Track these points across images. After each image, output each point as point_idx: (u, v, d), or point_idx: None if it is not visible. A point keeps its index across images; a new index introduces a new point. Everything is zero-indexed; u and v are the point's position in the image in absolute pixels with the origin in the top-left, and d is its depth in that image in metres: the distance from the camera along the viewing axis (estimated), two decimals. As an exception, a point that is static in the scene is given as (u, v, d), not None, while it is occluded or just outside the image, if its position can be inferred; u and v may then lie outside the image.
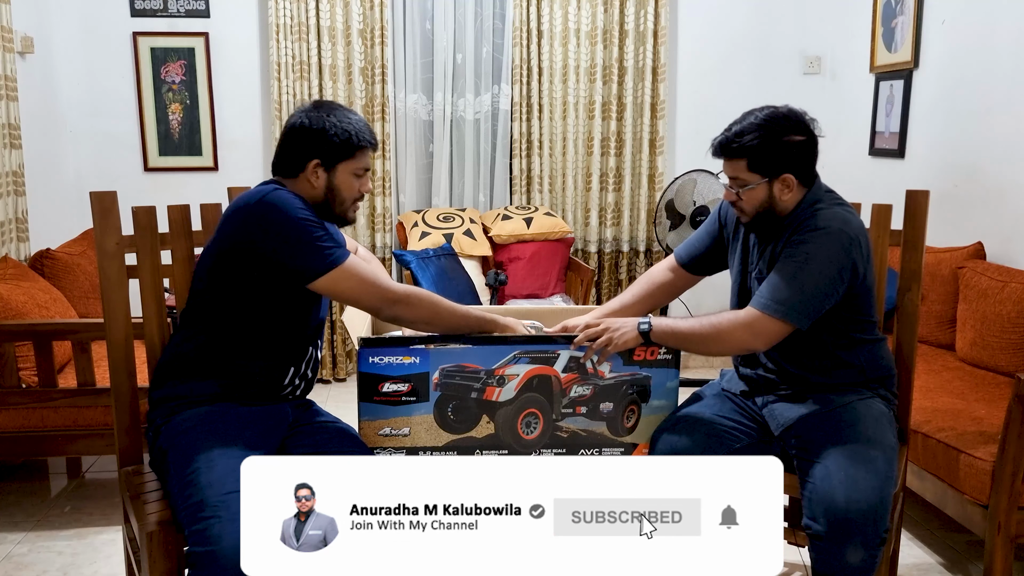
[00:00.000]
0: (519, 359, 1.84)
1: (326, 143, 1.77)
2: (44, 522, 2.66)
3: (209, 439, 1.65)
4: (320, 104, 1.83)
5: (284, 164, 1.82)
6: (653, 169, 4.19)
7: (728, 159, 1.82)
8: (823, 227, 1.75)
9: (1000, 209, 3.06)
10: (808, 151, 1.81)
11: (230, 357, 1.75)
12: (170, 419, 1.72)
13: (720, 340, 1.80)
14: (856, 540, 1.60)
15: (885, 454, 1.72)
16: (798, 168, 1.80)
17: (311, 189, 1.79)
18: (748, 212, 1.84)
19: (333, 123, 1.77)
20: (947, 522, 2.59)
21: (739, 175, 1.81)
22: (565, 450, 1.91)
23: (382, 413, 1.84)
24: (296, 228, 1.68)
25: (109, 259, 1.85)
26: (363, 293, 1.75)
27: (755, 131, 1.77)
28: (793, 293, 1.72)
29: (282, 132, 1.84)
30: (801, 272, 1.73)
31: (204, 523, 1.48)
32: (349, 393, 3.96)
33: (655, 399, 1.92)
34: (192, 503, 1.53)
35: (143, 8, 3.86)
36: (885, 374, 1.92)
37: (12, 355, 2.50)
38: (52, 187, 3.63)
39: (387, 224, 4.07)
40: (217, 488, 1.53)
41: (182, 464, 1.62)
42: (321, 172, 1.78)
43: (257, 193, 1.73)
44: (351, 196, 1.83)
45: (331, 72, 3.90)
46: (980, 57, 3.17)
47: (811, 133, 1.81)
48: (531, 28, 3.99)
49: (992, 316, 2.74)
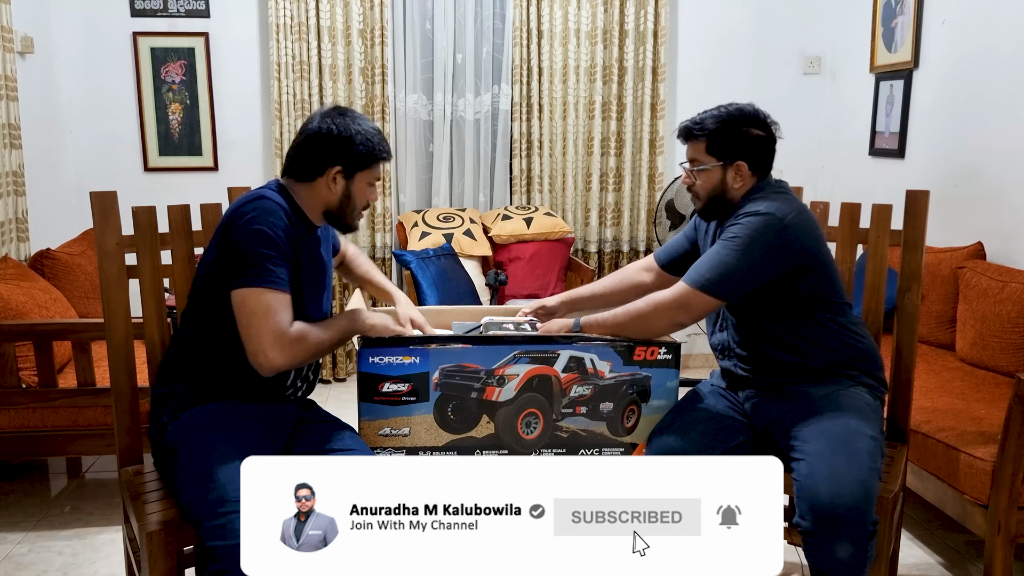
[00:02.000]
0: (519, 359, 1.85)
1: (350, 152, 1.76)
2: (44, 522, 2.66)
3: (221, 435, 1.67)
4: (343, 111, 1.81)
5: (301, 167, 1.79)
6: (653, 169, 4.19)
7: (690, 141, 1.96)
8: (751, 212, 1.86)
9: (1000, 209, 3.06)
10: (764, 146, 1.93)
11: (230, 360, 1.74)
12: (177, 416, 1.73)
13: (648, 320, 1.87)
14: (843, 535, 1.62)
15: (868, 445, 1.72)
16: (752, 159, 1.92)
17: (327, 194, 1.79)
18: (701, 196, 1.97)
19: (359, 131, 1.77)
20: (947, 522, 2.59)
21: (697, 156, 1.95)
22: (565, 450, 1.91)
23: (382, 413, 1.84)
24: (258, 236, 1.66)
25: (109, 259, 1.85)
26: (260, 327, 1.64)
27: (718, 118, 1.92)
28: (716, 270, 1.82)
29: (301, 135, 1.81)
30: (725, 250, 1.83)
31: (225, 518, 1.49)
32: (349, 393, 3.96)
33: (655, 399, 1.93)
34: (211, 498, 1.54)
35: (143, 8, 3.86)
36: (863, 356, 1.92)
37: (12, 355, 2.50)
38: (52, 187, 3.63)
39: (387, 224, 4.07)
40: (235, 482, 1.52)
41: (196, 460, 1.63)
42: (340, 179, 1.78)
43: (252, 196, 1.73)
44: (362, 205, 1.84)
45: (331, 72, 3.90)
46: (980, 57, 3.17)
47: (770, 131, 1.94)
48: (531, 28, 3.99)
49: (992, 316, 2.74)
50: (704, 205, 1.97)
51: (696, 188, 1.97)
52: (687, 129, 1.96)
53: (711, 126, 1.91)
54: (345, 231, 1.89)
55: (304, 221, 1.80)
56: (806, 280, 1.87)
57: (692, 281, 1.84)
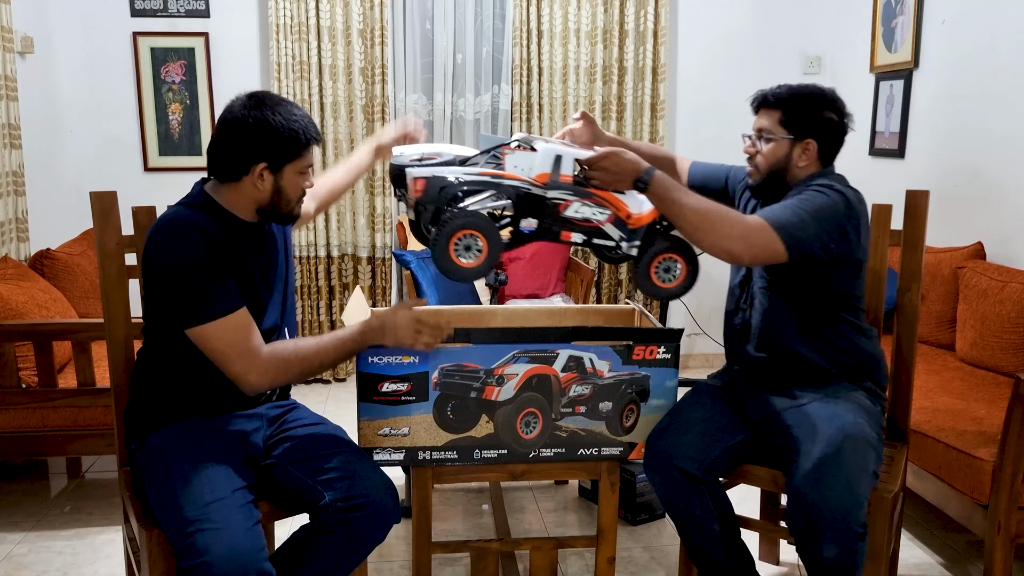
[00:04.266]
0: (518, 358, 1.84)
1: (272, 144, 1.62)
2: (44, 522, 2.66)
3: (180, 456, 1.63)
4: (261, 98, 1.64)
5: (223, 167, 1.66)
6: (653, 169, 4.19)
7: (765, 109, 1.90)
8: (827, 185, 1.82)
9: (1000, 209, 3.06)
10: (837, 131, 1.88)
11: (191, 376, 1.70)
12: (145, 441, 1.71)
13: (712, 226, 1.70)
14: (828, 535, 1.62)
15: (860, 449, 1.72)
16: (823, 140, 1.87)
17: (255, 192, 1.67)
18: (762, 169, 1.90)
19: (279, 121, 1.61)
20: (947, 522, 2.59)
21: (768, 126, 1.89)
22: (564, 450, 1.91)
23: (381, 413, 1.84)
24: (181, 271, 1.57)
25: (109, 259, 1.85)
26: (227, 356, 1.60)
27: (797, 92, 1.88)
28: (793, 219, 1.73)
29: (216, 130, 1.65)
30: (803, 207, 1.76)
31: (190, 538, 1.48)
32: (349, 393, 3.96)
33: (654, 398, 1.93)
34: (174, 521, 1.52)
35: (143, 8, 3.87)
36: (871, 364, 1.92)
37: (12, 355, 2.50)
38: (52, 187, 3.64)
39: (387, 224, 4.07)
40: (196, 501, 1.52)
41: (159, 487, 1.61)
42: (267, 175, 1.65)
43: (160, 220, 1.64)
44: (296, 196, 1.72)
45: (331, 72, 3.90)
46: (980, 57, 3.17)
47: (844, 120, 1.89)
48: (531, 28, 3.99)
49: (992, 316, 2.74)
50: (762, 179, 1.91)
51: (758, 159, 1.90)
52: (764, 96, 1.90)
53: (789, 97, 1.87)
54: (286, 223, 1.79)
55: (234, 223, 1.69)
56: (845, 276, 1.85)
57: (770, 219, 1.72)
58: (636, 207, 1.79)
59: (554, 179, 1.75)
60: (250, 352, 1.61)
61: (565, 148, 1.78)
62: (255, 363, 1.61)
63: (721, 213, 1.72)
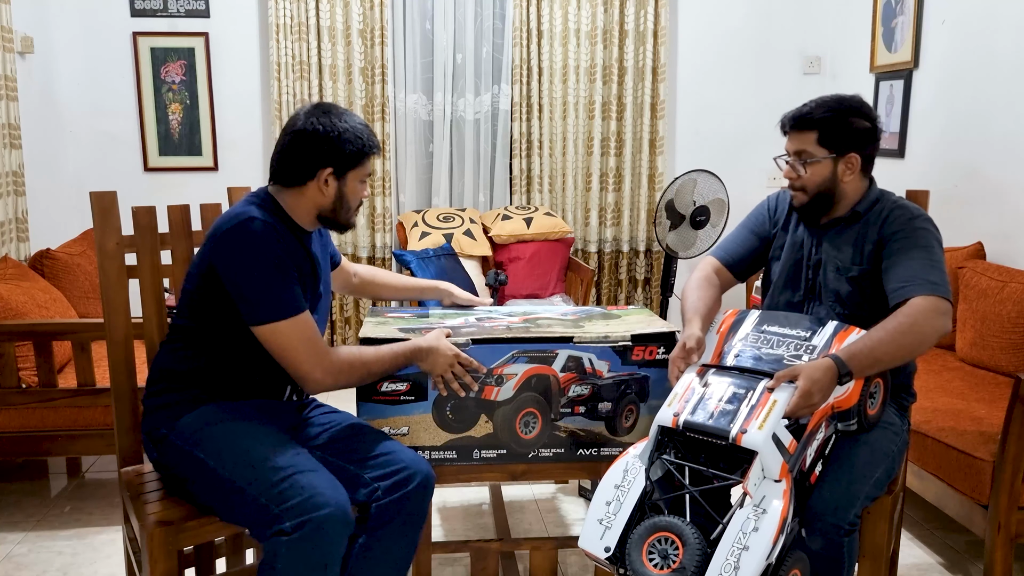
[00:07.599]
0: (517, 358, 1.84)
1: (339, 151, 1.70)
2: (44, 522, 2.66)
3: (240, 423, 1.67)
4: (326, 108, 1.73)
5: (290, 172, 1.73)
6: (653, 169, 4.19)
7: (798, 131, 1.85)
8: (919, 215, 1.81)
9: (1000, 209, 3.06)
10: (873, 138, 1.85)
11: (223, 375, 1.73)
12: (175, 424, 1.69)
13: (913, 343, 1.66)
14: (815, 527, 1.63)
15: (870, 457, 1.72)
16: (863, 151, 1.84)
17: (320, 198, 1.73)
18: (809, 190, 1.86)
19: (345, 129, 1.70)
20: (947, 522, 2.59)
21: (807, 147, 1.84)
22: (563, 450, 1.91)
23: (381, 413, 1.84)
24: (259, 268, 1.62)
25: (109, 259, 1.85)
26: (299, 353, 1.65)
27: (827, 107, 1.83)
28: (939, 273, 1.73)
29: (284, 137, 1.73)
30: (931, 256, 1.75)
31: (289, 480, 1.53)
32: (348, 392, 3.95)
33: (653, 399, 1.92)
34: (263, 472, 1.56)
35: (143, 8, 3.87)
36: (907, 379, 1.92)
37: (12, 355, 2.50)
38: (52, 187, 3.64)
39: (387, 224, 4.07)
40: (283, 452, 1.59)
41: (223, 451, 1.62)
42: (332, 180, 1.72)
43: (236, 217, 1.65)
44: (356, 203, 1.79)
45: (331, 72, 3.90)
46: (980, 57, 3.17)
47: (875, 123, 1.86)
48: (531, 28, 3.99)
49: (992, 316, 2.74)
50: (810, 200, 1.86)
51: (803, 182, 1.85)
52: (795, 119, 1.84)
53: (822, 115, 1.81)
54: (342, 231, 1.85)
55: (295, 230, 1.74)
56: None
57: (932, 290, 1.68)
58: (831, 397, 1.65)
59: (790, 459, 1.56)
60: (320, 351, 1.67)
61: (772, 425, 1.56)
62: (323, 361, 1.67)
63: (902, 329, 1.65)
